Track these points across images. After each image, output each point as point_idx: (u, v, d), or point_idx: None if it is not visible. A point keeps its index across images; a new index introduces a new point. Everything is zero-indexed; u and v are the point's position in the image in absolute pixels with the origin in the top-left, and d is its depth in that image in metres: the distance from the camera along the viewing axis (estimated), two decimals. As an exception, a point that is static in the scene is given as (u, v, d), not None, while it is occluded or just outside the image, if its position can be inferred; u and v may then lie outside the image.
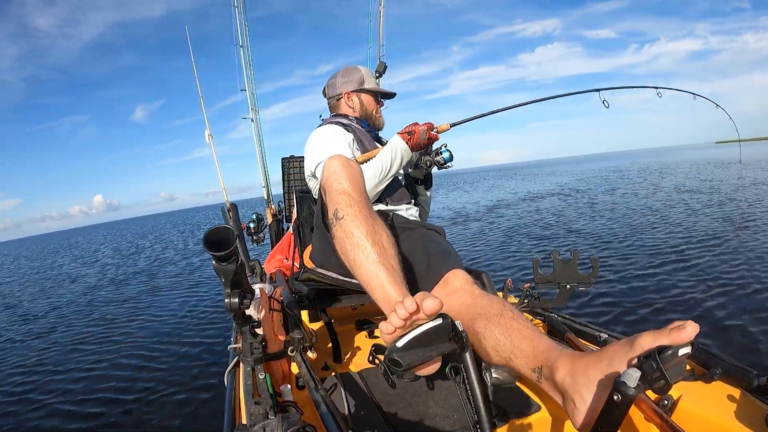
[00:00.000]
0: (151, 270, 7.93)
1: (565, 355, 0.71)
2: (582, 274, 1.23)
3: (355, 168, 1.03)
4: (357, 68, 1.61)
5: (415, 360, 0.65)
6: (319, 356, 1.19)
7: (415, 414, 0.99)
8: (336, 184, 0.98)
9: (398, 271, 0.86)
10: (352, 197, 0.95)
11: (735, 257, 3.87)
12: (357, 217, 0.91)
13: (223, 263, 0.82)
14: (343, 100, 1.60)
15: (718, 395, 0.83)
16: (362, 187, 1.01)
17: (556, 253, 1.25)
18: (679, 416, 0.82)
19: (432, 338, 0.65)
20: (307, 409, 0.92)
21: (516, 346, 0.78)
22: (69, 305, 5.70)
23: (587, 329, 1.14)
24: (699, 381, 0.88)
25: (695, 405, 0.82)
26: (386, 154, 1.32)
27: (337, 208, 0.94)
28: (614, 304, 3.06)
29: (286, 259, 1.90)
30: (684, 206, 7.17)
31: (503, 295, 1.39)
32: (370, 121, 1.60)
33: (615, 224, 6.22)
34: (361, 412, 1.00)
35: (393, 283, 0.82)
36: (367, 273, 0.85)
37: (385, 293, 0.81)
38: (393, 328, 0.66)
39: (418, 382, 1.16)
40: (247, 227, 2.58)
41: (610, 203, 8.85)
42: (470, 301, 0.94)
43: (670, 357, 0.50)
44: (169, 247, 12.76)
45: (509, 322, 0.82)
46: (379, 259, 0.85)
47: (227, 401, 0.97)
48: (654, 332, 0.57)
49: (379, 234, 0.90)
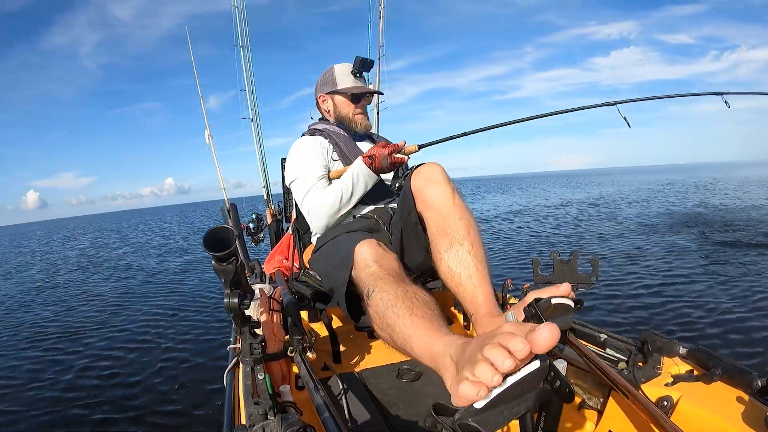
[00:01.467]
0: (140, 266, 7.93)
1: (487, 317, 0.86)
2: (582, 274, 1.23)
3: (387, 256, 1.01)
4: (331, 67, 1.52)
5: (499, 422, 0.47)
6: (318, 357, 1.19)
7: (415, 414, 0.99)
8: (366, 270, 0.97)
9: (437, 317, 0.76)
10: (380, 272, 0.94)
11: (735, 259, 3.87)
12: (386, 283, 0.89)
13: (223, 263, 0.82)
14: (319, 103, 1.56)
15: (718, 396, 0.83)
16: (395, 268, 0.98)
17: (555, 254, 1.25)
18: (679, 417, 0.82)
19: (523, 389, 0.47)
20: (306, 409, 0.92)
21: (462, 284, 0.95)
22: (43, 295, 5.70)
23: (587, 329, 1.14)
24: (699, 382, 0.88)
25: (695, 406, 0.82)
26: (346, 181, 1.29)
27: (368, 287, 0.92)
28: (614, 304, 3.06)
29: (285, 259, 1.90)
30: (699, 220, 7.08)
31: (503, 296, 1.39)
32: (345, 123, 1.52)
33: (623, 229, 6.23)
34: (361, 412, 1.00)
35: (432, 329, 0.70)
36: (401, 330, 0.76)
37: (428, 343, 0.67)
38: (485, 387, 0.46)
39: (418, 382, 1.16)
40: (247, 227, 2.57)
41: (632, 215, 8.73)
42: (445, 211, 1.02)
43: (544, 303, 0.63)
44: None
45: (465, 255, 0.96)
46: (411, 310, 0.77)
47: (226, 401, 0.97)
48: (537, 290, 0.73)
49: (412, 292, 0.84)
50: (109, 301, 5.61)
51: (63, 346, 3.74)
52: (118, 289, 6.38)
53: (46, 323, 4.61)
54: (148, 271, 7.80)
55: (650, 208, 9.37)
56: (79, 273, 8.31)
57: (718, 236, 4.74)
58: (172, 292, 5.56)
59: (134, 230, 22.05)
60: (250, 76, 3.01)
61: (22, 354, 3.61)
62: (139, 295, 5.70)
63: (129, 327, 4.12)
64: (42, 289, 6.77)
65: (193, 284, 5.96)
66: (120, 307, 5.14)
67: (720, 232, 5.02)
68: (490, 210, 11.77)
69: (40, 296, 6.24)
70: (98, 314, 4.88)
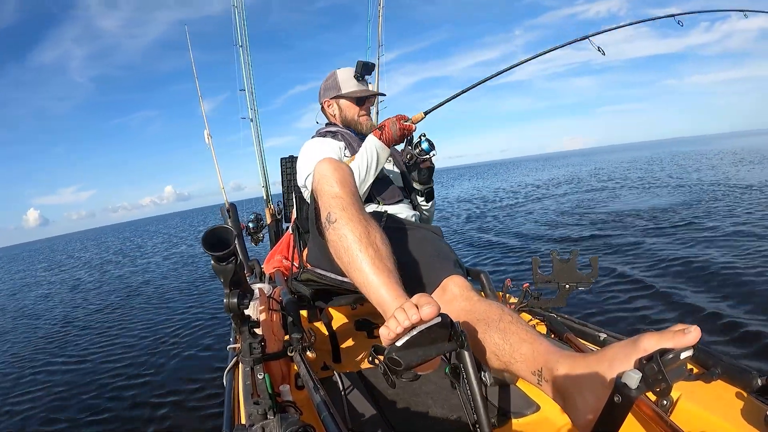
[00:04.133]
0: (147, 270, 7.93)
1: (565, 357, 0.70)
2: (581, 273, 1.23)
3: (345, 170, 1.03)
4: (334, 73, 1.56)
5: (414, 359, 0.66)
6: (318, 356, 1.19)
7: (415, 414, 0.98)
8: (327, 187, 0.98)
9: (394, 272, 0.86)
10: (343, 200, 0.95)
11: (735, 258, 3.87)
12: (350, 219, 0.91)
13: (222, 263, 0.82)
14: (324, 108, 1.59)
15: (718, 395, 0.83)
16: (353, 188, 1.00)
17: (555, 253, 1.25)
18: (679, 416, 0.82)
19: (431, 338, 0.66)
20: (306, 409, 0.92)
21: (516, 350, 0.77)
22: (74, 309, 5.70)
23: (587, 329, 1.14)
24: (699, 381, 0.87)
25: (695, 405, 0.82)
26: (362, 156, 1.32)
27: (330, 211, 0.94)
28: (614, 304, 3.06)
29: (285, 259, 1.90)
30: (689, 204, 7.09)
31: (503, 295, 1.39)
32: (352, 126, 1.56)
33: (609, 218, 6.23)
34: (361, 412, 1.00)
35: (389, 285, 0.81)
36: (361, 276, 0.85)
37: (381, 296, 0.81)
38: (393, 333, 0.67)
39: (418, 382, 1.16)
40: (246, 227, 2.57)
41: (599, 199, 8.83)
42: (469, 307, 0.93)
43: (671, 360, 0.50)
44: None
45: (508, 326, 0.82)
46: (373, 261, 0.85)
47: (226, 401, 0.97)
48: (657, 333, 0.56)
49: (373, 235, 0.90)
50: (108, 300, 5.61)
51: (62, 346, 3.74)
52: (118, 288, 6.38)
53: (45, 322, 4.61)
54: (147, 270, 7.80)
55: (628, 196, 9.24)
56: (83, 275, 8.30)
57: (708, 225, 4.75)
58: (172, 292, 5.56)
59: (126, 242, 22.06)
60: (250, 76, 3.01)
61: (21, 354, 3.60)
62: (139, 295, 5.70)
63: (129, 327, 4.12)
64: (50, 295, 6.77)
65: (193, 284, 5.96)
66: (120, 307, 5.14)
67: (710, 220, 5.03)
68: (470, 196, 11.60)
69: (41, 298, 6.24)
70: (98, 314, 4.88)
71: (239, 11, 2.90)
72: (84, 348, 3.64)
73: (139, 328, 4.01)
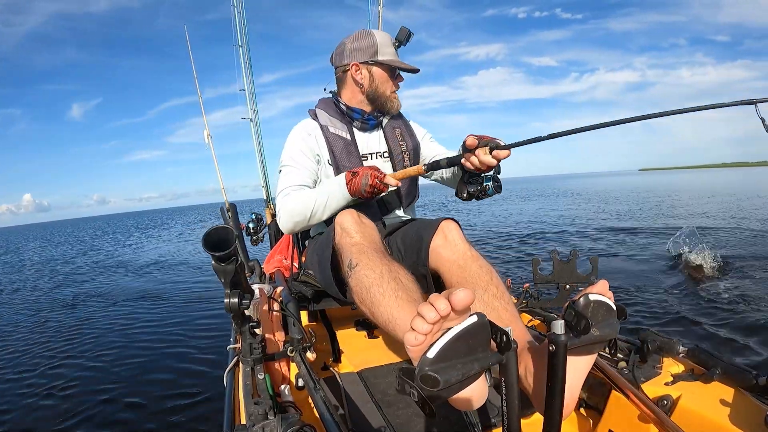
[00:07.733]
0: (145, 270, 7.93)
1: (534, 347, 0.74)
2: (581, 274, 1.23)
3: (367, 224, 1.05)
4: (371, 33, 1.29)
5: (454, 375, 0.51)
6: (318, 356, 1.19)
7: (415, 414, 0.98)
8: (348, 239, 1.00)
9: (419, 301, 0.79)
10: (363, 245, 0.96)
11: (736, 257, 3.87)
12: (371, 259, 0.91)
13: (223, 263, 0.82)
14: (350, 73, 1.30)
15: (718, 395, 0.83)
16: (376, 239, 1.01)
17: (555, 253, 1.25)
18: (679, 416, 0.82)
19: (470, 344, 0.52)
20: (306, 409, 0.92)
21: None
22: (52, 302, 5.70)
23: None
24: (698, 381, 0.88)
25: (695, 405, 0.82)
26: (322, 195, 1.18)
27: (351, 258, 0.94)
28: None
29: (285, 259, 1.90)
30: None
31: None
32: (379, 101, 1.32)
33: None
34: (361, 412, 1.00)
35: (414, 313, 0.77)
36: (386, 311, 0.80)
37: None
38: (422, 336, 0.55)
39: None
40: (246, 227, 2.58)
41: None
42: (461, 263, 0.97)
43: (582, 302, 0.58)
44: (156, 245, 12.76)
45: (491, 299, 0.86)
46: (396, 293, 0.82)
47: (226, 401, 0.97)
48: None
49: (395, 271, 0.88)
50: (108, 300, 5.61)
51: (60, 346, 3.74)
52: (117, 288, 6.38)
53: (43, 323, 4.61)
54: (145, 271, 7.80)
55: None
56: (70, 268, 8.30)
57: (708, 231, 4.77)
58: (171, 292, 5.56)
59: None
60: (249, 76, 3.01)
61: (20, 353, 3.60)
62: (137, 295, 5.70)
63: (128, 326, 4.12)
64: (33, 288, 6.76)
65: (193, 284, 5.96)
66: (119, 306, 5.13)
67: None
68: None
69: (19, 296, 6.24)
70: (96, 314, 4.88)
71: (239, 11, 2.90)
72: (84, 348, 3.63)
73: (139, 328, 4.00)
